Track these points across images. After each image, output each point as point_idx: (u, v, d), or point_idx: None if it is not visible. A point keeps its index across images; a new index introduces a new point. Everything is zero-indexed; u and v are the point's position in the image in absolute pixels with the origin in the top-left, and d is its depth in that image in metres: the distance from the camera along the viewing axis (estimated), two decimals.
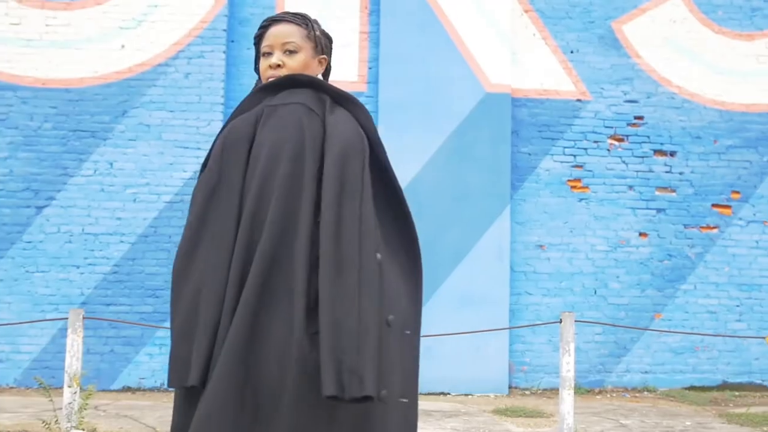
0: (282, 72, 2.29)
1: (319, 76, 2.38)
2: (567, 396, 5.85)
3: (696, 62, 8.97)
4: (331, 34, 2.51)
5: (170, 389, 7.83)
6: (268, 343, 1.99)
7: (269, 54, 2.32)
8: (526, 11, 8.83)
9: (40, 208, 8.04)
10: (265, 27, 2.36)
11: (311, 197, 2.07)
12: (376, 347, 1.94)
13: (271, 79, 2.29)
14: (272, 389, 1.97)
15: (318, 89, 2.24)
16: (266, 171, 2.10)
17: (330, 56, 2.42)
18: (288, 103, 2.19)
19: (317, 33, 2.37)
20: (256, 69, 2.42)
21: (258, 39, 2.38)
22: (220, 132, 2.26)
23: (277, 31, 2.32)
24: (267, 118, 2.18)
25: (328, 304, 1.95)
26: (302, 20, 2.36)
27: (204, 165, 2.24)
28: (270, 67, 2.30)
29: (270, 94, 2.25)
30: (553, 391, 8.17)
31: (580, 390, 8.00)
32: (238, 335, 1.98)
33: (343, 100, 2.24)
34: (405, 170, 7.68)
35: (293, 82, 2.26)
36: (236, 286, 2.03)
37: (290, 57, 2.30)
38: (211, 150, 2.24)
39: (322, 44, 2.39)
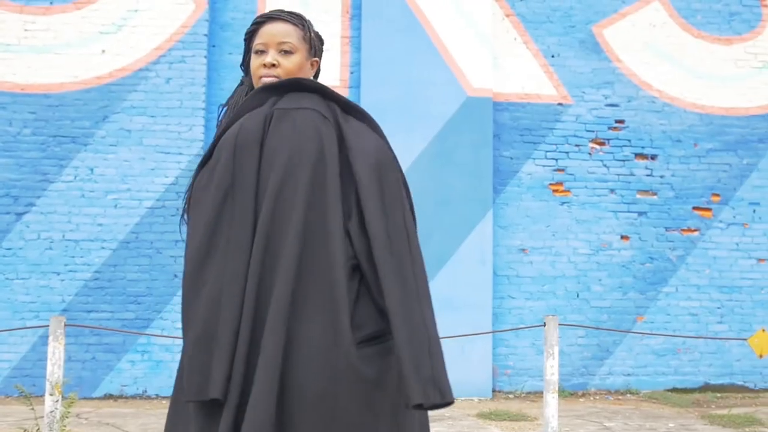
0: (276, 72, 2.21)
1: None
2: (551, 399, 5.85)
3: (676, 66, 9.04)
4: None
5: (153, 397, 7.79)
6: (308, 354, 1.92)
7: (263, 52, 2.23)
8: (507, 15, 8.87)
9: (19, 215, 7.97)
10: (259, 23, 2.27)
11: (339, 206, 2.02)
12: (442, 353, 1.98)
13: (266, 79, 2.20)
14: (319, 402, 1.91)
15: (326, 97, 2.17)
16: (285, 176, 2.01)
17: (320, 59, 2.36)
18: (300, 108, 2.11)
19: (312, 35, 2.30)
20: (242, 65, 2.35)
21: (250, 35, 2.28)
22: (225, 130, 2.15)
23: (273, 29, 2.23)
24: (278, 122, 2.09)
25: (401, 315, 1.95)
26: (299, 20, 2.28)
27: (202, 163, 2.14)
28: (264, 65, 2.21)
29: (274, 95, 2.16)
30: (536, 395, 8.19)
31: (563, 393, 8.02)
32: (275, 348, 1.90)
33: (353, 110, 2.18)
34: None
35: (300, 86, 2.18)
36: (254, 294, 1.95)
37: (285, 57, 2.22)
38: (212, 148, 2.13)
39: (316, 47, 2.32)
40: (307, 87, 2.18)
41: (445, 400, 1.92)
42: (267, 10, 8.33)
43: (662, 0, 9.10)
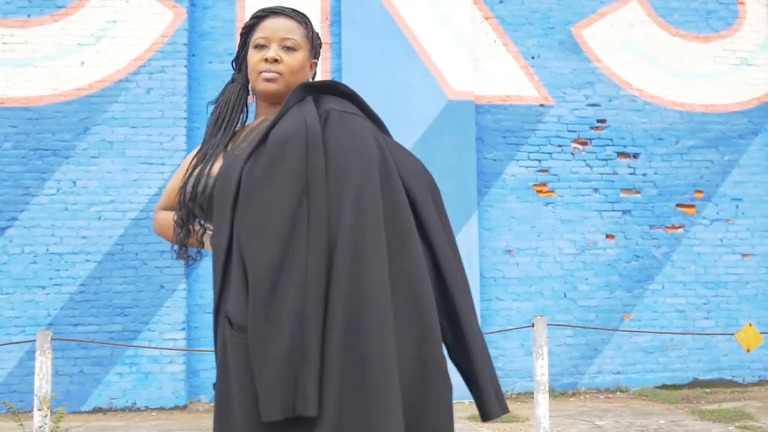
0: (278, 68, 2.12)
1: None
2: (542, 400, 5.86)
3: (655, 65, 9.09)
4: None
5: (142, 409, 7.74)
6: (402, 357, 1.86)
7: (264, 47, 2.14)
8: (486, 18, 8.89)
9: (2, 230, 7.91)
10: (260, 17, 2.18)
11: (410, 213, 1.96)
12: None
13: (267, 74, 2.12)
14: (412, 412, 1.86)
15: (359, 105, 2.09)
16: (362, 180, 1.89)
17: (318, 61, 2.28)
18: (349, 112, 2.02)
19: (314, 34, 2.23)
20: (235, 62, 2.26)
21: (249, 29, 2.20)
22: (277, 123, 1.98)
23: (276, 24, 2.15)
24: (335, 123, 1.97)
25: (475, 331, 1.99)
26: (302, 18, 2.20)
27: (250, 154, 1.96)
28: (266, 60, 2.12)
29: (311, 95, 2.05)
30: (527, 395, 8.19)
31: (553, 393, 8.03)
32: (390, 357, 1.80)
33: (380, 123, 2.13)
34: None
35: (335, 89, 2.08)
36: (344, 303, 1.81)
37: (289, 54, 2.14)
38: (262, 140, 1.96)
39: (316, 47, 2.24)
40: (341, 92, 2.09)
41: (504, 411, 2.01)
42: (246, 19, 8.34)
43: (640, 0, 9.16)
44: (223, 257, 1.95)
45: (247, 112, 2.25)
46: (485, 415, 1.99)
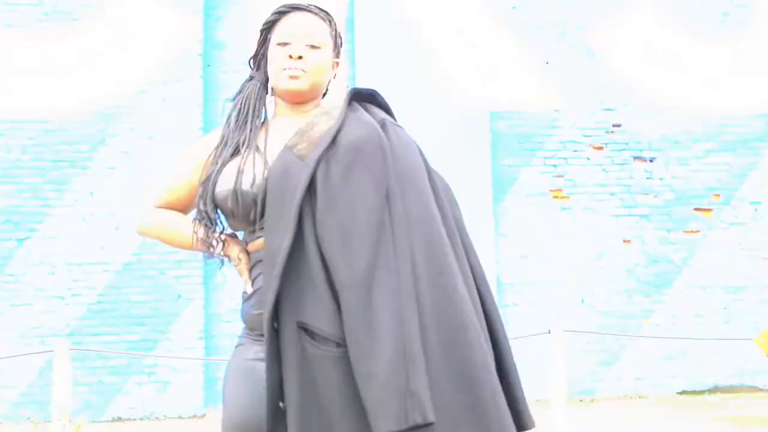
0: (302, 65, 2.07)
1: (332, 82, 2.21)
2: (560, 407, 5.83)
3: (670, 68, 9.04)
4: None
5: (161, 418, 7.75)
6: None
7: (288, 43, 2.08)
8: (500, 25, 8.88)
9: (21, 241, 7.96)
10: (282, 13, 2.12)
11: (456, 228, 2.00)
12: None
13: (291, 71, 2.07)
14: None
15: (391, 115, 2.09)
16: (424, 193, 1.93)
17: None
18: (397, 124, 2.05)
19: (337, 32, 2.17)
20: (252, 60, 2.20)
21: (270, 25, 2.13)
22: (342, 127, 1.94)
23: (301, 21, 2.09)
24: (392, 135, 1.97)
25: (508, 340, 2.01)
26: (326, 15, 2.14)
27: (320, 158, 1.90)
28: (290, 57, 2.06)
29: (356, 101, 2.03)
30: (545, 403, 8.14)
31: (572, 400, 7.97)
32: (492, 363, 1.85)
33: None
34: None
35: (374, 98, 2.07)
36: (432, 305, 1.81)
37: (313, 52, 2.08)
38: (331, 143, 1.91)
39: (339, 46, 2.19)
40: (379, 102, 2.08)
41: (534, 423, 2.04)
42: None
43: (655, 3, 9.11)
44: (282, 262, 1.84)
45: (266, 110, 2.20)
46: (523, 426, 1.97)
